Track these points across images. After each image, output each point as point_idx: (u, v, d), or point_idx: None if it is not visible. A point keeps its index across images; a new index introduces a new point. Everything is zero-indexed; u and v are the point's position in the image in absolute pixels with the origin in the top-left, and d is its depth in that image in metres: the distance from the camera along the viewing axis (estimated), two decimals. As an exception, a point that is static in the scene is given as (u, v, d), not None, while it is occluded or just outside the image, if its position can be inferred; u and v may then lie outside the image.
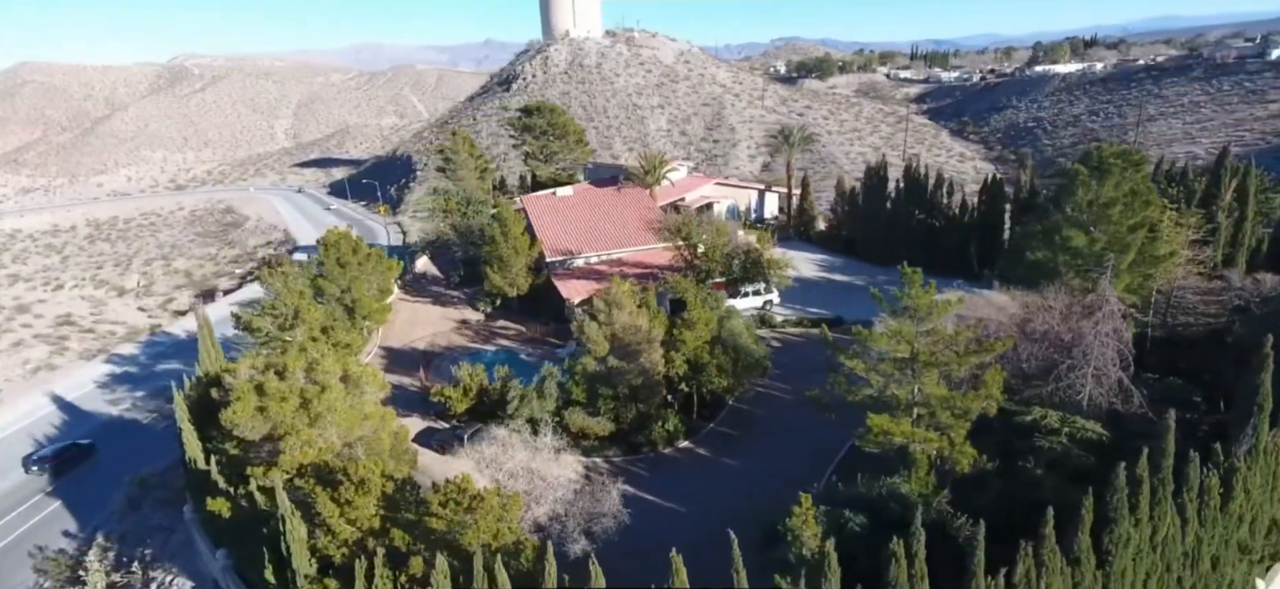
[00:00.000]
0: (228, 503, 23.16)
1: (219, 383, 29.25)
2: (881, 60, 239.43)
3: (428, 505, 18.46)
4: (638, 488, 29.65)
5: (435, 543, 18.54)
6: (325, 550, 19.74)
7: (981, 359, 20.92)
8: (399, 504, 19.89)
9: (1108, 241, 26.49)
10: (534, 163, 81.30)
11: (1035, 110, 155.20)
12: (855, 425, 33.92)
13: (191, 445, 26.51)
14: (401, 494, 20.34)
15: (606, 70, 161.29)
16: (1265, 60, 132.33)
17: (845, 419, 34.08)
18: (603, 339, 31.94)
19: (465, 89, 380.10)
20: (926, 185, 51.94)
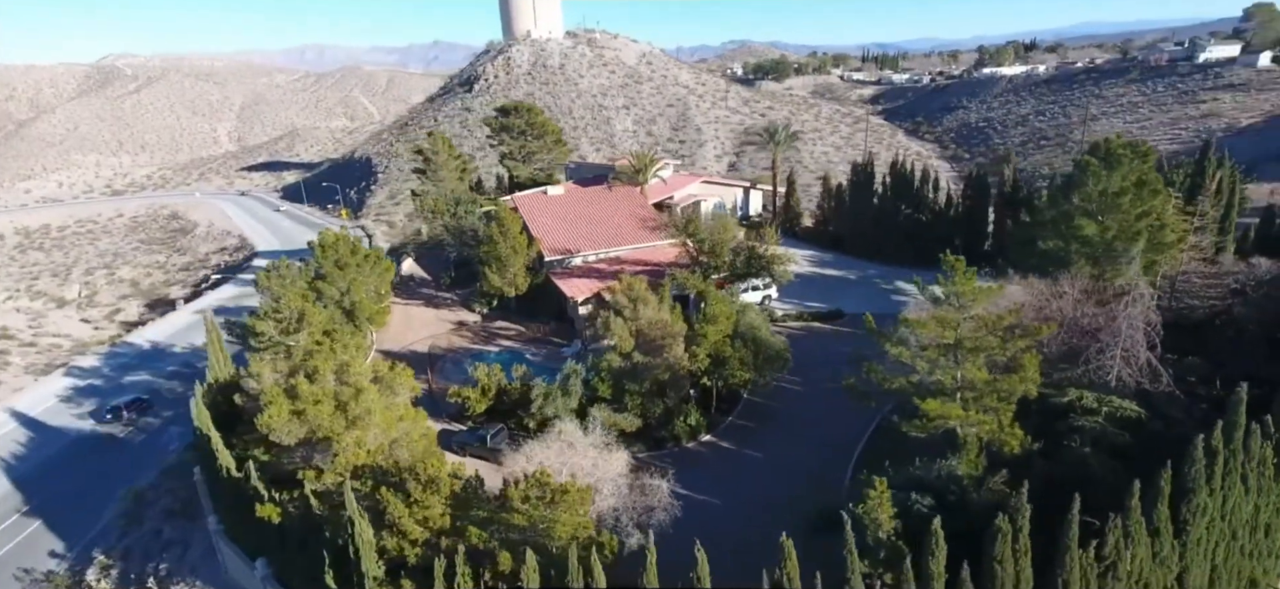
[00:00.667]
0: (277, 510, 22.34)
1: (238, 388, 28.24)
2: (835, 62, 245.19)
3: (508, 501, 18.21)
4: (669, 483, 29.78)
5: (514, 540, 18.32)
6: (394, 552, 19.28)
7: (1027, 343, 21.82)
8: (468, 502, 19.55)
9: (1118, 230, 27.99)
10: (512, 163, 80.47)
11: (985, 111, 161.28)
12: (878, 414, 35.22)
13: (222, 454, 25.46)
14: (469, 492, 19.99)
15: (570, 71, 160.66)
16: (1193, 63, 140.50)
17: (882, 407, 35.14)
18: (628, 335, 31.99)
19: (417, 90, 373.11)
20: (913, 181, 53.57)
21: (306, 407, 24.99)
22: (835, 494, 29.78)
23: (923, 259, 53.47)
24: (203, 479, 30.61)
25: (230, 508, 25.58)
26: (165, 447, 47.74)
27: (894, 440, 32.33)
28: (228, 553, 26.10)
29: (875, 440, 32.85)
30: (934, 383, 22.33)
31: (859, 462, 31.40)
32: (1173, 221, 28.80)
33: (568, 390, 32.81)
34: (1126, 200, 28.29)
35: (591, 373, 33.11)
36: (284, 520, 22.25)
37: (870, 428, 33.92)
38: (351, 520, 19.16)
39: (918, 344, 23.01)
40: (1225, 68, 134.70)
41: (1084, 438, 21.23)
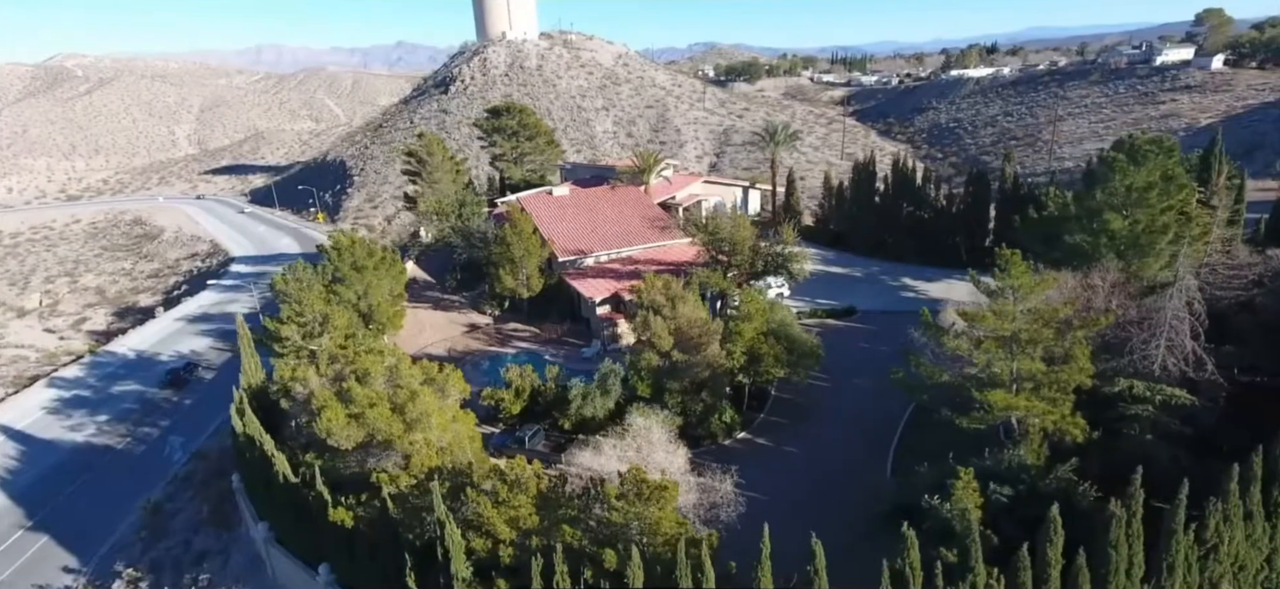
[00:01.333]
0: (350, 514, 21.90)
1: (286, 393, 27.65)
2: (804, 64, 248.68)
3: (607, 499, 18.22)
4: (732, 479, 29.98)
5: (603, 538, 18.33)
6: (481, 553, 19.12)
7: (1084, 334, 22.61)
8: (554, 502, 19.47)
9: (1147, 224, 29.19)
10: (505, 164, 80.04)
11: (955, 112, 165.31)
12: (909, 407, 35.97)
13: (279, 461, 24.86)
14: (554, 492, 19.91)
15: (548, 73, 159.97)
16: (1151, 66, 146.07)
17: (912, 401, 35.78)
18: (667, 334, 32.13)
19: (383, 92, 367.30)
20: (915, 180, 54.79)
21: (364, 410, 24.64)
22: (879, 487, 30.39)
23: (925, 256, 54.84)
24: (242, 486, 29.79)
25: (286, 515, 24.97)
26: (168, 456, 46.36)
27: (928, 434, 33.07)
28: (281, 561, 25.47)
29: (909, 434, 33.57)
30: (991, 375, 22.94)
31: (897, 455, 32.06)
32: (1197, 215, 30.21)
33: (607, 390, 32.85)
34: (1154, 195, 29.57)
35: (630, 372, 33.15)
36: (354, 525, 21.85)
37: (902, 421, 34.66)
38: (440, 522, 18.95)
39: (975, 337, 23.57)
40: (1181, 70, 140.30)
41: (1143, 425, 22.09)
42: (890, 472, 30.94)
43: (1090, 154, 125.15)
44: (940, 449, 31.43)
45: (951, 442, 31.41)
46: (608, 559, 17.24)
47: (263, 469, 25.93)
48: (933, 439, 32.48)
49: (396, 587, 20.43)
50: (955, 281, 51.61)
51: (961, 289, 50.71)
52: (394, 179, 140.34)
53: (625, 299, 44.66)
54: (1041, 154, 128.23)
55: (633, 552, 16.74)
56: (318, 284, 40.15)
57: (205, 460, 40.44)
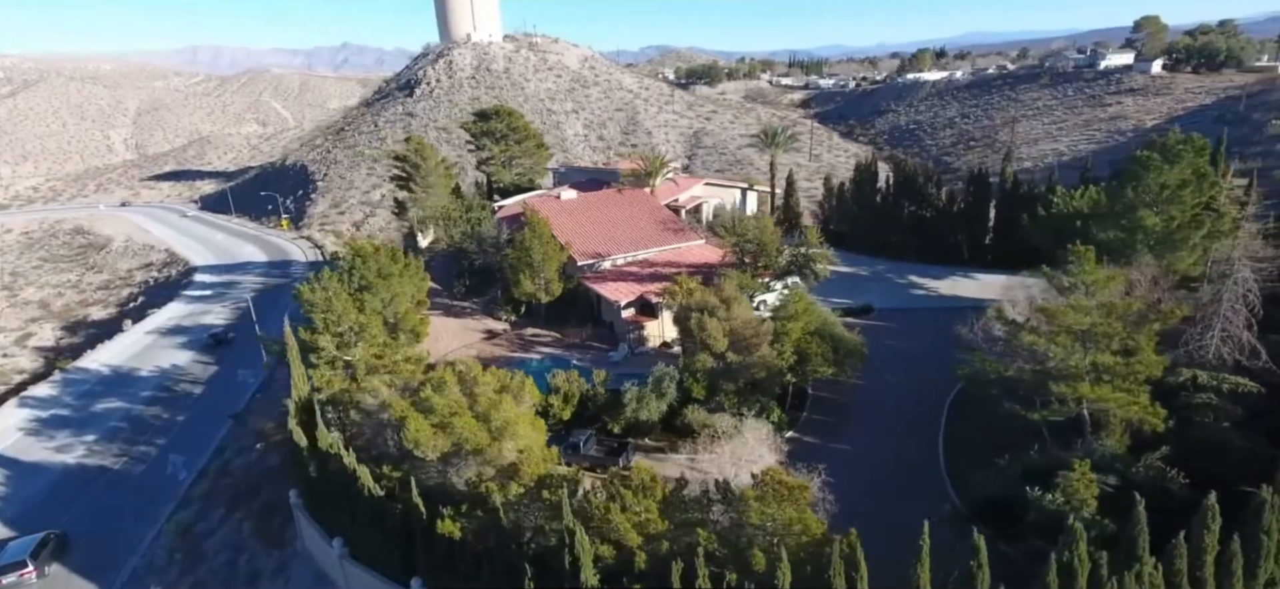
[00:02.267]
0: (456, 525, 21.25)
1: (354, 405, 26.74)
2: (763, 67, 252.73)
3: (744, 500, 18.21)
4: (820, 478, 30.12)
5: (738, 539, 18.33)
6: (608, 560, 18.88)
7: (1160, 327, 23.73)
8: (679, 505, 19.36)
9: (1180, 219, 30.84)
10: (495, 167, 78.95)
11: (914, 114, 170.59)
12: (948, 401, 36.99)
13: (364, 475, 23.97)
14: (675, 495, 19.79)
15: (515, 75, 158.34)
16: (1097, 69, 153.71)
17: (947, 394, 36.71)
18: (722, 335, 32.30)
19: (333, 94, 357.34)
20: (917, 178, 56.40)
21: (449, 419, 24.09)
22: (935, 481, 31.21)
23: (928, 255, 56.46)
24: (302, 502, 28.59)
25: (369, 530, 24.09)
26: (172, 475, 44.27)
27: (970, 428, 34.11)
28: (360, 578, 24.52)
29: (953, 428, 34.54)
30: (1069, 368, 23.79)
31: (947, 449, 32.89)
32: (1227, 210, 32.11)
33: (661, 392, 32.79)
34: (1188, 192, 31.30)
35: (684, 374, 33.15)
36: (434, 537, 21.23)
37: (943, 416, 35.66)
38: (570, 530, 18.63)
39: (1050, 331, 24.39)
40: (1124, 74, 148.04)
41: (1218, 414, 23.30)
42: (944, 466, 31.74)
43: (1047, 154, 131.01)
44: (987, 444, 32.48)
45: (998, 436, 32.51)
46: (757, 561, 17.24)
47: (339, 483, 24.96)
48: (976, 434, 33.56)
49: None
50: (960, 278, 53.41)
51: (969, 286, 52.58)
52: (361, 183, 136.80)
53: (652, 301, 44.68)
54: (1001, 154, 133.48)
55: (782, 553, 16.81)
56: (344, 293, 38.86)
57: (229, 477, 38.71)
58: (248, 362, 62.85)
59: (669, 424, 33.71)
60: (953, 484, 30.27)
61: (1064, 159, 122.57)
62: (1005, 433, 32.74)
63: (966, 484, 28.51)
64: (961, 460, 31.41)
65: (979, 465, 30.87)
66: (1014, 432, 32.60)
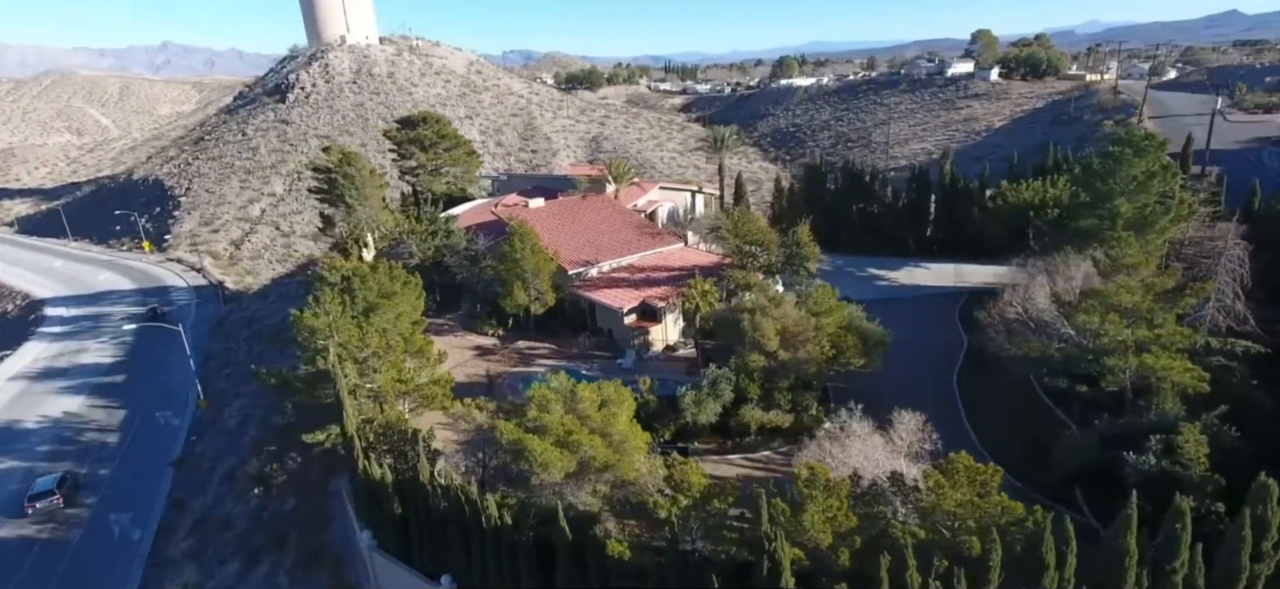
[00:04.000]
0: (623, 545, 20.31)
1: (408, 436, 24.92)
2: (641, 73, 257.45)
3: (937, 488, 19.01)
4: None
5: (956, 527, 19.07)
6: (803, 561, 19.06)
7: (1192, 302, 27.39)
8: (864, 499, 19.86)
9: (1151, 207, 35.75)
10: (424, 177, 74.98)
11: (792, 117, 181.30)
12: (952, 381, 40.11)
13: (490, 505, 22.25)
14: (854, 490, 20.26)
15: (401, 80, 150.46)
16: (945, 77, 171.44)
17: (948, 373, 39.63)
18: (774, 334, 33.20)
19: (163, 99, 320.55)
20: (864, 178, 60.52)
21: (573, 438, 23.20)
22: (973, 449, 33.82)
23: (877, 248, 60.75)
24: (375, 542, 25.98)
25: (488, 562, 22.45)
26: (124, 538, 38.58)
27: (984, 400, 37.40)
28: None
29: (967, 402, 37.61)
30: (1117, 342, 26.89)
31: (974, 428, 35.69)
32: (1182, 197, 37.54)
33: (717, 394, 33.14)
34: (1156, 181, 36.34)
35: (738, 374, 33.65)
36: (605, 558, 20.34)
37: (955, 393, 38.75)
38: (768, 536, 18.61)
39: (1101, 309, 27.42)
40: (969, 81, 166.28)
41: (1242, 378, 27.27)
42: (974, 436, 34.53)
43: (918, 153, 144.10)
44: (1001, 413, 35.81)
45: (1007, 406, 35.95)
46: (972, 546, 18.17)
47: (447, 518, 23.07)
48: (988, 405, 36.92)
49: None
50: (913, 268, 58.05)
51: (923, 275, 57.23)
52: (234, 198, 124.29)
53: (656, 306, 44.73)
54: (877, 154, 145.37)
55: (995, 534, 17.94)
56: (347, 316, 35.65)
57: (231, 530, 34.23)
58: (166, 402, 55.79)
59: (719, 427, 34.12)
60: (988, 451, 33.05)
61: (934, 157, 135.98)
62: (1013, 402, 36.39)
63: (996, 450, 31.29)
64: (986, 430, 34.38)
65: (1002, 432, 34.07)
66: (1021, 401, 36.28)
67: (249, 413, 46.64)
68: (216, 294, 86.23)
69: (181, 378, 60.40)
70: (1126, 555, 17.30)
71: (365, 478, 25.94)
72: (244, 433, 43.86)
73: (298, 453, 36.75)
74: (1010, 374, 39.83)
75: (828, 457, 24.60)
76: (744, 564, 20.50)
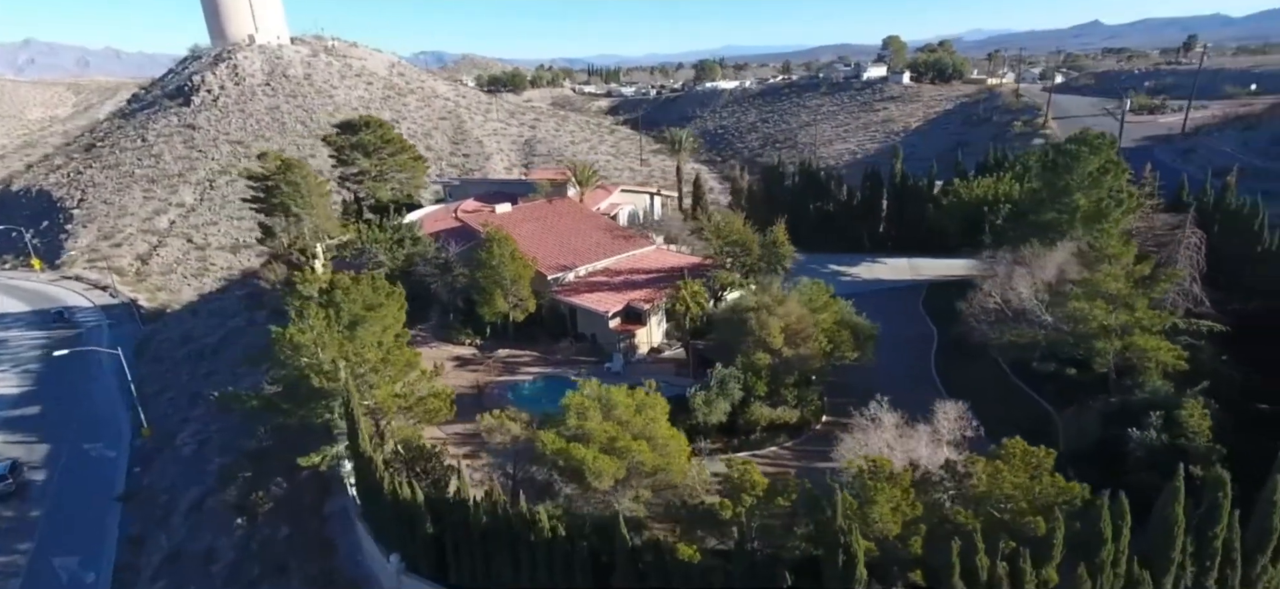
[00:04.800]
0: (693, 549, 20.10)
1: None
2: (565, 75, 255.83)
3: (998, 472, 19.87)
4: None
5: (1016, 510, 19.92)
6: (873, 553, 19.54)
7: (1166, 287, 29.85)
8: (923, 487, 20.51)
9: (1105, 200, 38.74)
10: (369, 183, 71.81)
11: (719, 120, 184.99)
12: (929, 369, 41.97)
13: (543, 517, 21.56)
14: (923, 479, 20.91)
15: (320, 82, 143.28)
16: (862, 80, 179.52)
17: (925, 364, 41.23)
18: (779, 332, 33.85)
19: (32, 102, 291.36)
20: (820, 177, 62.58)
21: (619, 444, 22.97)
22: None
23: (834, 245, 62.85)
24: (405, 564, 24.65)
25: (538, 574, 21.80)
26: (78, 581, 35.28)
27: (963, 382, 39.35)
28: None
29: (954, 396, 39.43)
30: (1101, 327, 29.04)
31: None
32: (1130, 190, 40.80)
33: (726, 393, 33.42)
34: (1110, 177, 39.40)
35: (745, 373, 34.02)
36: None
37: (935, 378, 40.61)
38: (842, 530, 18.98)
39: (1089, 296, 29.49)
40: (884, 84, 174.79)
41: (1212, 353, 29.88)
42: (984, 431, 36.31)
43: (842, 153, 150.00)
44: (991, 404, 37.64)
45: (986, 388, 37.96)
46: (1038, 526, 19.15)
47: (491, 534, 22.24)
48: (970, 388, 38.84)
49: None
50: (871, 264, 60.42)
51: (881, 269, 59.60)
52: (137, 209, 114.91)
53: (642, 309, 44.66)
54: (804, 154, 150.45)
55: (1057, 514, 19.04)
56: (334, 331, 33.74)
57: (216, 562, 31.60)
58: (94, 433, 51.13)
59: (726, 426, 34.44)
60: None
61: (858, 157, 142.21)
62: (993, 389, 38.53)
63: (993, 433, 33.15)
64: (977, 415, 36.25)
65: (990, 417, 35.98)
66: (999, 387, 38.49)
67: (205, 438, 43.22)
68: (132, 313, 79.40)
69: (105, 405, 55.41)
70: (1176, 525, 18.78)
71: (392, 498, 24.61)
72: (206, 460, 40.61)
73: (282, 478, 34.40)
74: (982, 362, 42.28)
75: (864, 448, 25.27)
76: (808, 560, 20.84)
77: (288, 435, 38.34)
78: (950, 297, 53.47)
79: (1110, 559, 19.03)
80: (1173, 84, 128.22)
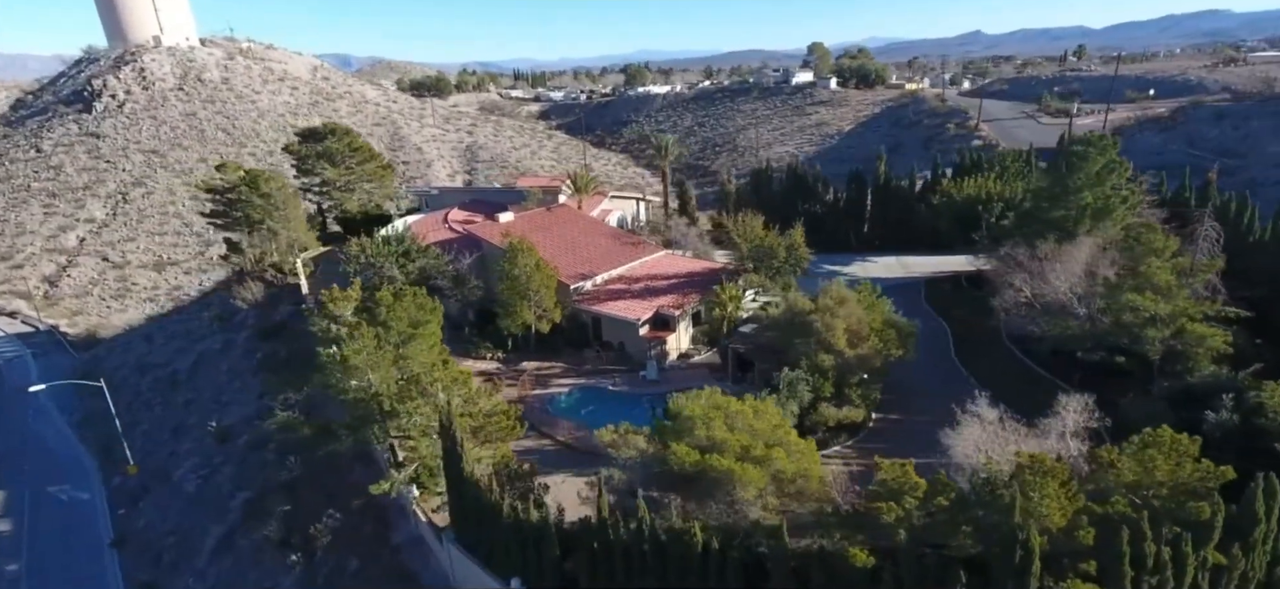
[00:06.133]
0: (864, 553, 19.82)
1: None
2: (491, 79, 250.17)
3: (1152, 463, 20.66)
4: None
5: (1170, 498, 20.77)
6: (1044, 547, 19.95)
7: (1205, 276, 32.07)
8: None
9: (1110, 197, 41.46)
10: (337, 194, 67.73)
11: (656, 124, 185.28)
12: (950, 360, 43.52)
13: (697, 532, 20.72)
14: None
15: (240, 87, 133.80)
16: (793, 85, 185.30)
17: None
18: (843, 333, 34.22)
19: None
20: (807, 180, 63.94)
21: (759, 453, 22.64)
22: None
23: (822, 246, 64.23)
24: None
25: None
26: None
27: (998, 382, 40.89)
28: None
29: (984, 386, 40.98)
30: (1152, 315, 30.98)
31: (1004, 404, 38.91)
32: (1130, 188, 43.74)
33: (795, 394, 33.44)
34: (1114, 175, 42.16)
35: (812, 375, 34.14)
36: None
37: (965, 377, 42.12)
38: (1019, 525, 19.31)
39: (1138, 288, 31.34)
40: (813, 89, 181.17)
41: (1239, 339, 32.39)
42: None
43: (783, 155, 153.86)
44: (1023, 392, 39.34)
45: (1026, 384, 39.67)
46: (1201, 511, 20.04)
47: (645, 549, 21.28)
48: (1005, 386, 40.39)
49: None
50: (862, 262, 62.12)
51: (873, 267, 61.28)
52: (37, 226, 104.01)
53: (673, 315, 44.12)
54: (746, 156, 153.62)
55: (1216, 498, 20.11)
56: (383, 350, 31.55)
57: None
58: (56, 474, 45.90)
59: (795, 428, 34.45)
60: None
61: (799, 159, 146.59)
62: (1018, 378, 40.40)
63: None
64: (1016, 404, 37.90)
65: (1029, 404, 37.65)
66: (1023, 376, 40.38)
67: (210, 472, 39.18)
68: (58, 342, 71.36)
69: (61, 445, 49.67)
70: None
71: (513, 521, 23.11)
72: (219, 496, 36.77)
73: (335, 509, 31.67)
74: (997, 352, 44.27)
75: (976, 443, 25.81)
76: (973, 557, 21.06)
77: (316, 464, 35.52)
78: (948, 292, 56.13)
79: (1262, 537, 20.24)
80: (1078, 89, 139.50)
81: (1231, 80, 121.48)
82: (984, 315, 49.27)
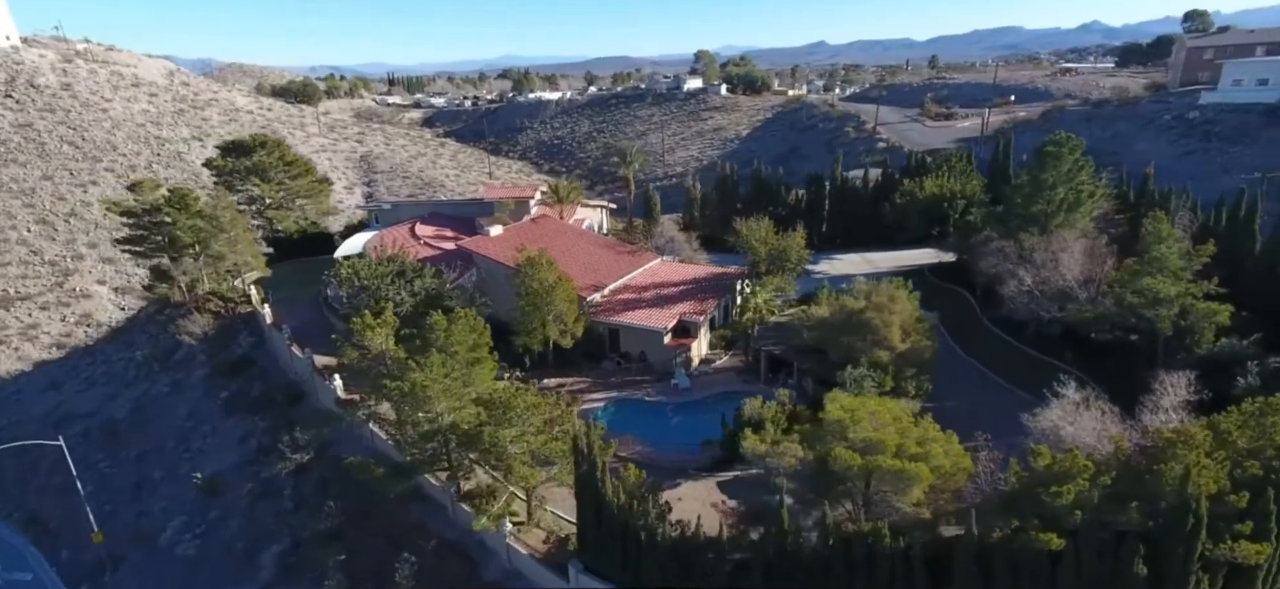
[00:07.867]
0: (1052, 536, 20.39)
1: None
2: (365, 86, 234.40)
3: (1272, 432, 22.85)
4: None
5: None
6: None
7: (1202, 261, 36.01)
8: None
9: (1080, 191, 45.73)
10: (272, 213, 60.80)
11: (552, 130, 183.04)
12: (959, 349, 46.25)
13: (886, 533, 20.41)
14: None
15: (85, 94, 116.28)
16: (685, 92, 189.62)
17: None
18: (897, 329, 35.36)
19: None
20: (769, 184, 65.60)
21: (918, 450, 23.09)
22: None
23: (786, 246, 66.24)
24: None
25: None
26: None
27: (1002, 365, 43.92)
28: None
29: (992, 370, 43.83)
30: (1162, 296, 34.52)
31: (1015, 386, 41.72)
32: (1095, 184, 48.33)
33: (862, 392, 34.07)
34: (1083, 172, 46.50)
35: (872, 369, 34.89)
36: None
37: (971, 363, 44.90)
38: (1193, 498, 20.88)
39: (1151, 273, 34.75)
40: (705, 95, 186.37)
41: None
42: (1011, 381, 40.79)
43: (686, 160, 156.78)
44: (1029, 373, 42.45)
45: (1026, 366, 42.93)
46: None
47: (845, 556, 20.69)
48: (1010, 368, 43.57)
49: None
50: (828, 260, 64.63)
51: (841, 265, 63.89)
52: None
53: (695, 322, 43.56)
54: (653, 163, 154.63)
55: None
56: (452, 378, 28.80)
57: None
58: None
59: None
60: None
61: (703, 163, 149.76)
62: (1017, 360, 43.75)
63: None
64: (1027, 384, 40.94)
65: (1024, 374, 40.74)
66: (1021, 359, 43.78)
67: (206, 529, 33.39)
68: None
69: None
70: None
71: (673, 545, 21.74)
72: (234, 555, 31.38)
73: (409, 552, 28.11)
74: (989, 339, 47.62)
75: (1069, 424, 27.52)
76: (1140, 532, 22.45)
77: (355, 508, 31.69)
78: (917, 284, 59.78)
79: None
80: (947, 95, 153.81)
81: (1069, 88, 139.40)
82: (961, 305, 52.91)
